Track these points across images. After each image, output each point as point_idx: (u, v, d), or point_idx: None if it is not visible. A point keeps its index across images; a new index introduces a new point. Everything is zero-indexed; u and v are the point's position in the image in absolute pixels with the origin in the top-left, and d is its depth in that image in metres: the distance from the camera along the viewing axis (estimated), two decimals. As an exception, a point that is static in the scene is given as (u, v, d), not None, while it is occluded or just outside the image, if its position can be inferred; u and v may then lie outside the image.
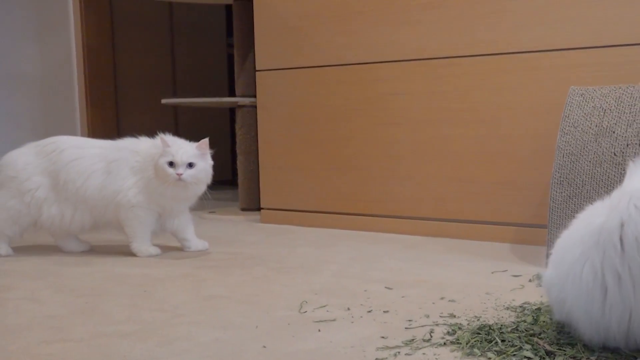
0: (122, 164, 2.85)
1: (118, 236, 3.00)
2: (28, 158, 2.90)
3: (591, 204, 1.63)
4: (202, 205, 4.88)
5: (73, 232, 3.00)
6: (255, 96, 4.06)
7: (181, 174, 2.72)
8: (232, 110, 6.87)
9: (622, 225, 1.39)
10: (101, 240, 3.25)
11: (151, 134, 3.02)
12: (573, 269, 1.46)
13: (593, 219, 1.48)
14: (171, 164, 2.73)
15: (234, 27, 4.43)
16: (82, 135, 5.87)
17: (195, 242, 3.03)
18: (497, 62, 3.11)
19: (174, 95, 6.52)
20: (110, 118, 6.03)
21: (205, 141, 2.85)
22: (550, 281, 1.62)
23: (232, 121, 6.60)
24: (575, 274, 1.44)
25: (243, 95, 4.34)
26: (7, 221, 2.87)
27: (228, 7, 6.54)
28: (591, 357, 1.45)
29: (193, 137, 3.08)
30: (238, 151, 4.34)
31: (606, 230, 1.41)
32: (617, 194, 1.50)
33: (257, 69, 3.93)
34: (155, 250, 2.92)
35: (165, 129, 6.03)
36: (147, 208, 2.86)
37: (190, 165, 2.76)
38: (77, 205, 2.85)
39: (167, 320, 1.89)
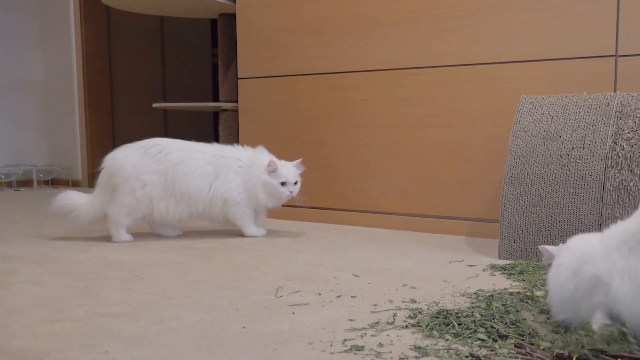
0: (229, 169, 3.03)
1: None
2: (134, 159, 2.95)
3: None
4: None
5: (171, 223, 3.08)
6: (237, 101, 4.03)
7: (292, 192, 3.02)
8: (215, 114, 6.92)
9: None
10: (97, 231, 3.22)
11: (143, 134, 3.01)
12: None
13: None
14: (282, 183, 2.99)
15: (219, 39, 4.40)
16: (81, 134, 5.87)
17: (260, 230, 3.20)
18: (456, 73, 3.11)
19: (164, 99, 6.51)
20: (106, 119, 6.01)
21: (300, 160, 3.12)
22: None
23: (216, 124, 6.61)
24: None
25: (226, 101, 4.31)
26: (123, 215, 2.93)
27: (213, 21, 6.57)
28: (534, 338, 1.44)
29: (181, 136, 3.07)
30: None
31: None
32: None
33: (239, 77, 3.90)
34: (261, 231, 3.15)
35: (156, 130, 6.02)
36: (247, 204, 3.06)
37: (295, 183, 3.04)
38: (180, 200, 2.98)
39: (157, 302, 1.86)
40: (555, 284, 1.59)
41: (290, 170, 3.01)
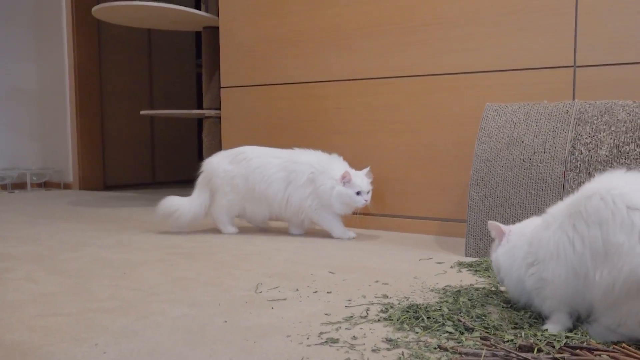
0: (301, 175, 2.99)
1: (110, 224, 2.94)
2: (225, 165, 3.09)
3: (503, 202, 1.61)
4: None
5: (257, 222, 3.25)
6: (219, 109, 4.01)
7: (367, 200, 2.90)
8: (199, 121, 6.91)
9: None
10: (85, 231, 3.18)
11: (131, 140, 2.99)
12: None
13: None
14: (358, 193, 2.88)
15: (203, 51, 4.38)
16: (73, 139, 5.84)
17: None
18: (425, 82, 3.10)
19: (151, 107, 6.50)
20: (96, 125, 5.97)
21: (369, 169, 3.00)
22: None
23: (200, 130, 6.60)
24: None
25: (209, 108, 4.28)
26: (222, 214, 3.13)
27: (197, 34, 6.60)
28: (498, 331, 1.45)
29: (167, 142, 3.04)
30: (204, 155, 4.26)
31: None
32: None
33: (221, 86, 3.87)
34: (350, 234, 3.05)
35: (143, 137, 5.99)
36: (323, 208, 3.00)
37: (368, 191, 2.92)
38: (259, 202, 3.07)
39: (144, 298, 1.84)
40: (508, 267, 1.63)
41: (363, 179, 2.91)
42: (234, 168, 3.06)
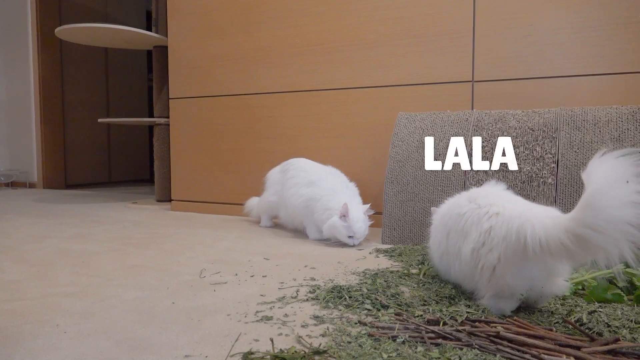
0: (301, 185, 2.71)
1: (69, 219, 2.84)
2: (276, 173, 3.00)
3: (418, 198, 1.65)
4: (128, 197, 4.72)
5: (289, 226, 2.96)
6: (168, 117, 3.94)
7: (355, 244, 2.43)
8: (150, 128, 6.81)
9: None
10: (50, 223, 3.07)
11: (89, 144, 2.88)
12: None
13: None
14: (350, 236, 2.42)
15: (153, 66, 4.29)
16: (37, 144, 5.76)
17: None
18: (348, 94, 3.09)
19: (107, 115, 6.41)
20: (58, 132, 5.85)
21: (370, 206, 2.53)
22: None
23: (151, 135, 6.48)
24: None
25: (159, 117, 4.20)
26: (262, 210, 3.08)
27: (149, 52, 6.53)
28: (410, 308, 1.45)
29: (122, 146, 2.95)
30: (155, 157, 4.20)
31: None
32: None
33: (170, 97, 3.79)
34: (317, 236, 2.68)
35: (100, 142, 5.84)
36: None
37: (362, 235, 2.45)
38: (289, 210, 2.81)
39: (100, 283, 1.80)
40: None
41: (361, 225, 2.41)
42: (279, 177, 2.93)
